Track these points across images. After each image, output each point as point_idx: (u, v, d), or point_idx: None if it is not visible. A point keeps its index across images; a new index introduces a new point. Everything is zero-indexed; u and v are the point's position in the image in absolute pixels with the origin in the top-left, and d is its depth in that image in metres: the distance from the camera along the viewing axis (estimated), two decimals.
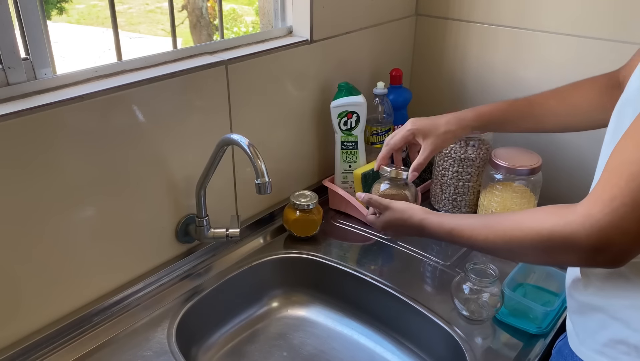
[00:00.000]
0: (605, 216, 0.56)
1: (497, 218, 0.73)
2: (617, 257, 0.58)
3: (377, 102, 1.21)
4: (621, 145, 0.58)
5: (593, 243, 0.57)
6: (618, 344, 0.66)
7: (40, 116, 0.74)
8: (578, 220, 0.58)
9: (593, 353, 0.70)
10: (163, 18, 3.90)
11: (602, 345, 0.68)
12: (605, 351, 0.68)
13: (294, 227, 1.10)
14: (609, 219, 0.56)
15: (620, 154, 0.58)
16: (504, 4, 1.25)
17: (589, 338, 0.70)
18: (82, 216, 0.84)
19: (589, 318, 0.70)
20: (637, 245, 0.58)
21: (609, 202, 0.56)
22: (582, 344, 0.72)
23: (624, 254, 0.58)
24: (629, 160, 0.56)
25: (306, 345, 0.99)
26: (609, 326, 0.67)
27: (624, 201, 0.55)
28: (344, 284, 1.04)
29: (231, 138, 0.86)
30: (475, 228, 0.74)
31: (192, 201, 0.98)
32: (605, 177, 0.58)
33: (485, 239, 0.72)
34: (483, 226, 0.72)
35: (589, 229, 0.57)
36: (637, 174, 0.55)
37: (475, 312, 0.90)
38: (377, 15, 1.28)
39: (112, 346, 0.84)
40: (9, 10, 0.72)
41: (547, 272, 0.98)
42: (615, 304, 0.67)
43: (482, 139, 1.14)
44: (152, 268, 0.97)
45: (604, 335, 0.68)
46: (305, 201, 1.09)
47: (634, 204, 0.55)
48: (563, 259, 0.64)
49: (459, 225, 0.77)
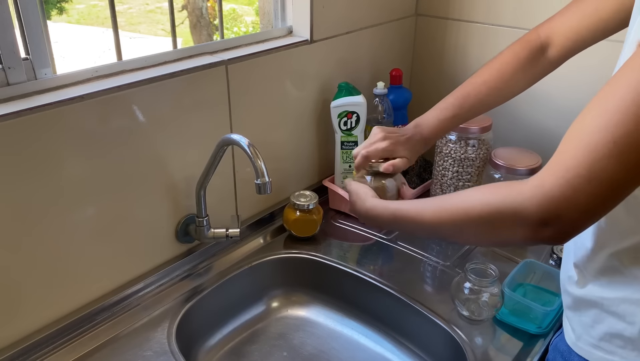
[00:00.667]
0: (559, 187, 0.53)
1: (446, 196, 0.72)
2: (563, 232, 0.56)
3: (377, 102, 1.21)
4: (581, 116, 0.55)
5: (542, 215, 0.55)
6: (614, 338, 0.67)
7: (40, 116, 0.74)
8: (529, 191, 0.56)
9: (589, 348, 0.70)
10: (163, 18, 3.90)
11: (598, 339, 0.69)
12: (602, 345, 0.68)
13: (294, 227, 1.10)
14: (562, 191, 0.53)
15: (580, 123, 0.55)
16: (504, 4, 1.25)
17: (585, 333, 0.71)
18: (82, 216, 0.84)
19: (584, 313, 0.71)
20: (585, 220, 0.55)
21: (563, 173, 0.53)
22: (578, 339, 0.72)
23: (571, 229, 0.56)
24: (588, 129, 0.52)
25: (306, 345, 0.99)
26: (604, 320, 0.68)
27: (579, 172, 0.52)
28: (344, 284, 1.04)
29: (231, 138, 0.86)
30: (421, 207, 0.71)
31: (192, 201, 0.98)
32: (562, 148, 0.55)
33: (431, 216, 0.69)
34: (430, 205, 0.70)
35: (540, 199, 0.55)
36: (595, 144, 0.51)
37: (475, 312, 0.90)
38: (377, 15, 1.28)
39: (112, 346, 0.84)
40: (9, 10, 0.72)
41: (547, 272, 0.98)
42: (610, 298, 0.67)
43: (482, 139, 1.14)
44: (152, 268, 0.97)
45: (599, 330, 0.68)
46: (305, 201, 1.09)
47: (589, 176, 0.52)
48: (508, 234, 0.61)
49: (404, 206, 0.75)
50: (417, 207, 0.72)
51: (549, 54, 0.90)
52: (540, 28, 0.90)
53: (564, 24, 0.87)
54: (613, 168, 0.51)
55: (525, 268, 0.98)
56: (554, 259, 1.06)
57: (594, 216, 0.56)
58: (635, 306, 0.65)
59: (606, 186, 0.52)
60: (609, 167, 0.51)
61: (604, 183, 0.52)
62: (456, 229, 0.67)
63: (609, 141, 0.51)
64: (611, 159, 0.51)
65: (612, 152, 0.51)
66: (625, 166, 0.51)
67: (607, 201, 0.54)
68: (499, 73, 0.92)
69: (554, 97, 1.23)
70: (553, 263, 1.05)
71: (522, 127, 1.28)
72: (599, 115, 0.52)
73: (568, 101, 1.20)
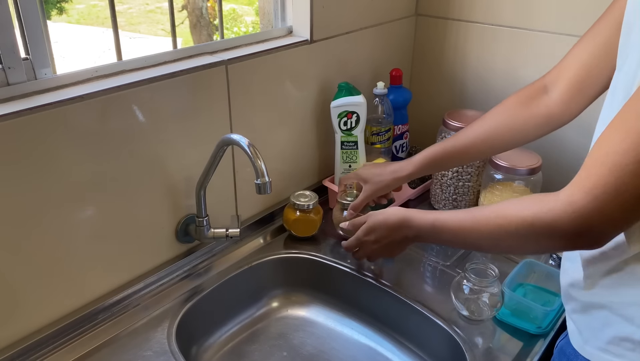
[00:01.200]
0: (588, 203, 0.58)
1: (481, 209, 0.76)
2: (597, 239, 0.61)
3: (377, 102, 1.21)
4: (606, 135, 0.59)
5: (575, 228, 0.60)
6: (623, 341, 0.67)
7: (40, 116, 0.74)
8: (560, 207, 0.61)
9: (598, 352, 0.70)
10: (163, 18, 3.90)
11: (606, 342, 0.68)
12: (610, 348, 0.68)
13: (294, 227, 1.10)
14: (592, 207, 0.58)
15: (605, 144, 0.59)
16: (504, 4, 1.25)
17: (593, 337, 0.70)
18: (82, 216, 0.84)
19: (592, 316, 0.70)
20: (617, 228, 0.60)
21: (590, 189, 0.58)
22: (586, 343, 0.72)
23: (604, 237, 0.61)
24: (613, 150, 0.57)
25: (306, 345, 0.99)
26: (613, 323, 0.67)
27: (606, 190, 0.57)
28: (344, 284, 1.04)
29: (231, 138, 0.86)
30: (458, 219, 0.76)
31: (192, 201, 0.98)
32: (589, 166, 0.60)
33: (471, 229, 0.74)
34: (468, 217, 0.75)
35: (571, 215, 0.59)
36: (620, 164, 0.56)
37: (475, 312, 0.90)
38: (377, 15, 1.28)
39: (112, 346, 0.84)
40: (9, 10, 0.72)
41: (547, 272, 0.98)
42: (619, 301, 0.67)
43: None
44: (152, 268, 0.97)
45: (608, 333, 0.68)
46: (305, 201, 1.09)
47: (616, 193, 0.56)
48: (547, 244, 0.67)
49: (443, 216, 0.79)
50: (453, 219, 0.77)
51: (553, 92, 0.89)
52: (547, 73, 0.91)
53: (568, 61, 0.87)
54: (638, 185, 0.56)
55: (525, 268, 0.98)
56: (554, 260, 1.06)
57: (626, 225, 0.61)
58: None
59: (632, 201, 0.56)
60: (634, 184, 0.56)
61: (631, 198, 0.56)
62: (494, 243, 0.73)
63: (632, 161, 0.55)
64: (636, 177, 0.55)
65: (637, 171, 0.55)
66: None
67: (634, 212, 0.58)
68: (496, 115, 0.96)
69: None
70: (553, 263, 1.05)
71: None
72: (624, 136, 0.57)
73: None
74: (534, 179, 1.08)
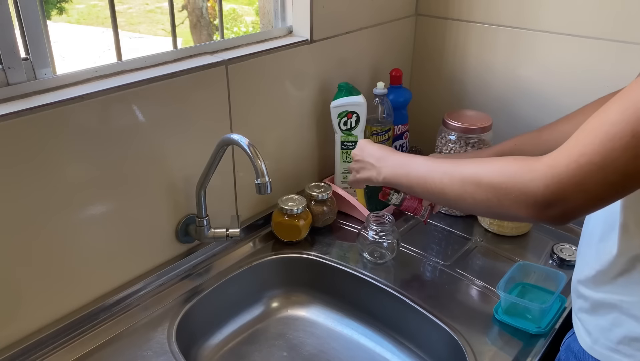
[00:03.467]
0: (570, 170, 0.55)
1: (459, 161, 0.73)
2: (566, 214, 0.58)
3: (377, 102, 1.21)
4: (604, 107, 0.57)
5: (549, 194, 0.57)
6: (633, 341, 0.66)
7: (40, 116, 0.74)
8: (541, 169, 0.58)
9: (607, 351, 0.69)
10: (163, 18, 3.90)
11: (616, 342, 0.68)
12: (620, 348, 0.68)
13: (279, 231, 1.09)
14: (573, 175, 0.55)
15: (601, 114, 0.56)
16: (504, 4, 1.25)
17: (602, 337, 0.70)
18: (82, 216, 0.84)
19: (601, 316, 0.70)
20: (590, 206, 0.57)
21: (576, 157, 0.55)
22: (595, 343, 0.71)
23: (573, 213, 0.58)
24: (609, 121, 0.54)
25: (306, 345, 0.99)
26: (623, 323, 0.67)
27: (592, 159, 0.54)
28: (343, 284, 1.04)
29: (231, 138, 0.86)
30: (437, 161, 0.75)
31: (192, 201, 0.98)
32: (580, 135, 0.57)
33: (441, 176, 0.71)
34: (442, 165, 0.73)
35: (549, 179, 0.57)
36: (614, 135, 0.53)
37: (378, 257, 1.04)
38: (377, 15, 1.28)
39: (112, 346, 0.84)
40: (9, 10, 0.72)
41: (546, 274, 0.98)
42: (630, 300, 0.66)
43: (482, 139, 1.14)
44: (152, 268, 0.97)
45: (618, 333, 0.68)
46: (293, 206, 1.07)
47: (602, 164, 0.54)
48: (512, 207, 0.62)
49: (423, 158, 0.78)
50: (433, 160, 0.75)
51: None
52: None
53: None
54: (627, 160, 0.53)
55: (519, 270, 0.98)
56: (554, 260, 1.06)
57: (600, 203, 0.57)
58: None
59: (617, 176, 0.53)
60: (623, 158, 0.53)
61: (616, 173, 0.53)
62: (462, 194, 0.69)
63: (627, 133, 0.52)
64: (627, 151, 0.52)
65: (629, 144, 0.52)
66: (639, 158, 0.52)
67: (615, 190, 0.55)
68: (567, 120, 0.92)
69: (554, 97, 1.23)
70: (554, 264, 1.05)
71: (522, 126, 1.28)
72: (622, 108, 0.54)
73: (568, 100, 1.20)
74: None
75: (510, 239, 1.12)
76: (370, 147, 0.89)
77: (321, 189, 1.13)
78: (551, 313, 0.90)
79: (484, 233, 1.14)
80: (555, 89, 1.22)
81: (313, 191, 1.12)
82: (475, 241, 1.12)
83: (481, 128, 1.13)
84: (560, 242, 1.09)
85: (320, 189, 1.13)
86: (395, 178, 0.81)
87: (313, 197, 1.11)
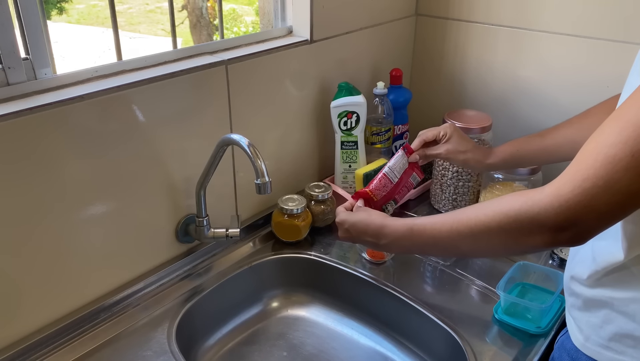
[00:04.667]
0: (576, 196, 0.56)
1: (462, 210, 0.72)
2: (581, 236, 0.59)
3: (377, 102, 1.21)
4: (601, 129, 0.58)
5: (561, 222, 0.58)
6: (624, 338, 0.67)
7: (40, 116, 0.74)
8: (546, 199, 0.59)
9: (599, 349, 0.70)
10: (163, 18, 3.89)
11: (607, 339, 0.69)
12: (612, 345, 0.68)
13: (279, 231, 1.09)
14: (579, 200, 0.56)
15: (599, 137, 0.57)
16: (504, 4, 1.25)
17: (594, 334, 0.70)
18: (82, 216, 0.84)
19: (592, 313, 0.70)
20: (603, 225, 0.58)
21: (580, 182, 0.56)
22: (587, 340, 0.72)
23: (588, 233, 0.59)
24: (607, 143, 0.55)
25: (306, 345, 0.99)
26: (614, 320, 0.67)
27: (596, 183, 0.55)
28: (344, 284, 1.04)
29: (231, 138, 0.86)
30: (438, 221, 0.73)
31: (192, 201, 0.98)
32: (580, 159, 0.58)
33: (449, 230, 0.70)
34: (447, 217, 0.72)
35: (557, 208, 0.58)
36: (614, 157, 0.54)
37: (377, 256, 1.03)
38: (377, 15, 1.28)
39: (112, 346, 0.84)
40: (9, 10, 0.72)
41: (543, 273, 0.98)
42: (620, 298, 0.67)
43: (482, 139, 1.14)
44: (152, 268, 0.97)
45: (609, 330, 0.68)
46: (293, 206, 1.07)
47: (606, 186, 0.54)
48: (528, 242, 0.63)
49: (421, 221, 0.76)
50: (432, 221, 0.74)
51: None
52: None
53: None
54: (630, 179, 0.54)
55: (519, 270, 0.98)
56: (554, 260, 1.06)
57: (611, 221, 0.58)
58: None
59: (623, 196, 0.55)
60: (626, 178, 0.54)
61: (620, 193, 0.54)
62: (475, 242, 0.69)
63: (627, 154, 0.53)
64: (628, 171, 0.53)
65: (630, 165, 0.53)
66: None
67: (623, 208, 0.56)
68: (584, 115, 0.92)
69: (554, 97, 1.23)
70: (554, 264, 1.05)
71: (522, 127, 1.28)
72: (619, 129, 0.55)
73: (568, 100, 1.20)
74: (534, 179, 1.08)
75: None
76: (357, 225, 0.84)
77: (321, 189, 1.13)
78: (551, 313, 0.90)
79: None
80: (555, 89, 1.22)
81: (313, 191, 1.12)
82: None
83: (481, 128, 1.13)
84: None
85: (320, 189, 1.13)
86: (403, 250, 0.83)
87: (313, 197, 1.12)
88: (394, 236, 0.79)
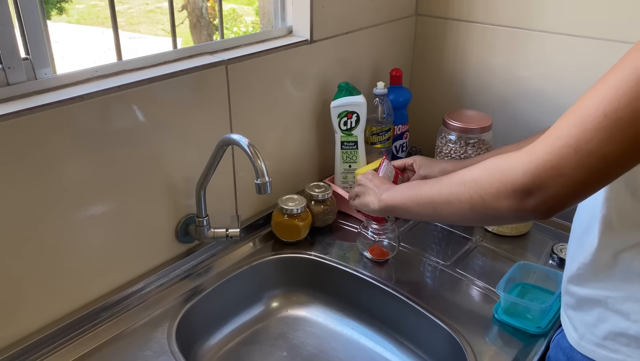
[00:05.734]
0: (547, 154, 0.56)
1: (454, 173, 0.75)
2: (547, 204, 0.57)
3: (377, 102, 1.21)
4: (584, 94, 0.58)
5: (527, 181, 0.57)
6: (618, 336, 0.67)
7: (40, 116, 0.74)
8: (520, 157, 0.59)
9: (593, 347, 0.70)
10: (163, 18, 3.90)
11: (602, 338, 0.69)
12: (606, 344, 0.69)
13: (279, 231, 1.09)
14: (549, 158, 0.56)
15: (580, 99, 0.57)
16: (504, 4, 1.25)
17: (588, 333, 0.71)
18: (82, 215, 0.84)
19: (586, 312, 0.71)
20: (570, 194, 0.57)
21: (553, 141, 0.56)
22: (581, 339, 0.72)
23: (554, 202, 0.57)
24: (584, 105, 0.55)
25: (306, 345, 0.99)
26: (608, 319, 0.68)
27: (567, 142, 0.54)
28: (343, 284, 1.04)
29: (231, 138, 0.86)
30: (429, 182, 0.78)
31: (192, 201, 0.98)
32: (558, 120, 0.58)
33: (432, 183, 0.75)
34: (438, 180, 0.76)
35: (526, 165, 0.57)
36: (587, 117, 0.54)
37: None
38: (377, 15, 1.28)
39: (112, 346, 0.84)
40: (9, 10, 0.72)
41: (546, 274, 0.98)
42: (614, 297, 0.67)
43: (482, 139, 1.14)
44: (152, 268, 0.97)
45: (603, 328, 0.69)
46: (293, 206, 1.07)
47: (577, 146, 0.54)
48: (494, 203, 0.62)
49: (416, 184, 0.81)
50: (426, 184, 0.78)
51: None
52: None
53: None
54: (600, 141, 0.53)
55: (519, 270, 0.98)
56: (554, 260, 1.06)
57: (580, 190, 0.57)
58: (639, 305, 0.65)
59: (592, 159, 0.53)
60: (596, 139, 0.53)
61: (590, 155, 0.53)
62: (448, 197, 0.70)
63: (599, 114, 0.53)
64: (599, 132, 0.52)
65: (601, 124, 0.52)
66: (613, 140, 0.52)
67: (593, 175, 0.55)
68: None
69: (553, 97, 1.23)
70: (554, 264, 1.05)
71: (522, 126, 1.28)
72: (594, 92, 0.55)
73: (567, 100, 1.20)
74: None
75: (510, 239, 1.12)
76: (376, 178, 0.94)
77: (321, 189, 1.13)
78: (551, 313, 0.90)
79: (484, 233, 1.14)
80: (555, 89, 1.22)
81: (313, 191, 1.12)
82: (475, 241, 1.12)
83: (481, 128, 1.13)
84: (560, 242, 1.09)
85: (320, 189, 1.13)
86: (391, 200, 0.84)
87: (313, 197, 1.12)
88: (395, 188, 0.86)
